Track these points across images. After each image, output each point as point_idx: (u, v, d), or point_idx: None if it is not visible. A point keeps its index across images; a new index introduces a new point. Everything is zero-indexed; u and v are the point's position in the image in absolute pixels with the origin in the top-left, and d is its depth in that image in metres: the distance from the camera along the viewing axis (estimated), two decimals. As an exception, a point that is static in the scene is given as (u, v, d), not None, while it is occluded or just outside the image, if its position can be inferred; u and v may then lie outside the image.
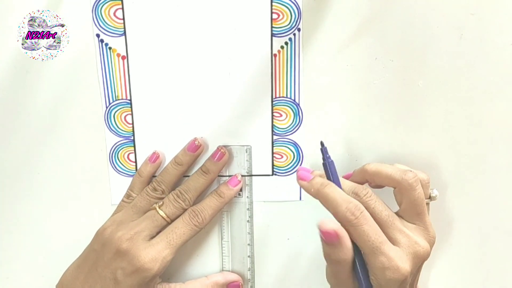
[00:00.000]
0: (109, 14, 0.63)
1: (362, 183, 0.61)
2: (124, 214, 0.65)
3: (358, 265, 0.58)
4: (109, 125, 0.67)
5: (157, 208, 0.64)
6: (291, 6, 0.62)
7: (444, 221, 0.68)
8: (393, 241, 0.58)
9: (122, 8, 0.63)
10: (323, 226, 0.57)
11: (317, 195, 0.59)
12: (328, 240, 0.56)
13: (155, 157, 0.67)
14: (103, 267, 0.62)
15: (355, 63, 0.64)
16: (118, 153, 0.67)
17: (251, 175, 0.68)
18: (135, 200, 0.65)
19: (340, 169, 0.66)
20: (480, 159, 0.66)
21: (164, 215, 0.63)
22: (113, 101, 0.66)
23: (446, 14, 0.62)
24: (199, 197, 0.66)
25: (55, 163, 0.68)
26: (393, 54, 0.63)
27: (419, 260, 0.58)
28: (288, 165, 0.67)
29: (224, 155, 0.66)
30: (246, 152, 0.67)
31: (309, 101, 0.65)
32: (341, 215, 0.57)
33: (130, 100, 0.66)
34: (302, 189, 0.65)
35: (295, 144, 0.67)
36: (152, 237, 0.63)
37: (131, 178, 0.68)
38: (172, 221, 0.64)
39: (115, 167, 0.68)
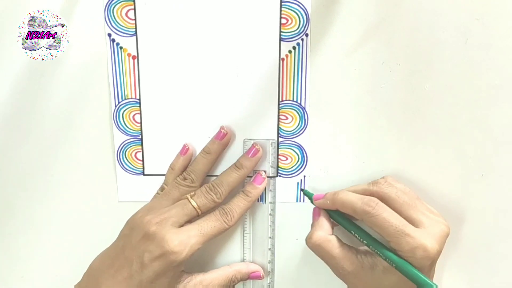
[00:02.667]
0: (121, 14, 0.64)
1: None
2: (154, 201, 0.66)
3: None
4: (117, 123, 0.67)
5: (189, 198, 0.64)
6: (300, 12, 0.63)
7: (450, 222, 0.67)
8: (416, 222, 0.60)
9: (134, 9, 0.64)
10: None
11: (334, 203, 0.63)
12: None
13: (185, 150, 0.67)
14: (130, 250, 0.62)
15: (363, 68, 0.65)
16: (125, 152, 0.68)
17: (275, 176, 0.69)
18: (166, 189, 0.66)
19: (347, 171, 0.68)
20: (486, 161, 0.67)
21: (195, 205, 0.64)
22: (122, 100, 0.66)
23: (451, 19, 0.63)
24: (231, 193, 0.67)
25: (68, 162, 0.69)
26: (400, 58, 0.64)
27: (443, 237, 0.60)
28: (293, 167, 0.68)
29: (258, 151, 0.66)
30: (271, 146, 0.67)
31: (315, 105, 0.66)
32: (359, 211, 0.60)
33: (139, 99, 0.66)
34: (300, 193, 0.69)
35: (300, 147, 0.67)
36: (181, 226, 0.63)
37: (138, 176, 0.68)
38: (202, 213, 0.64)
39: (123, 165, 0.68)
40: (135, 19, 0.64)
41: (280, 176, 0.68)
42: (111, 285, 0.62)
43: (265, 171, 0.68)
